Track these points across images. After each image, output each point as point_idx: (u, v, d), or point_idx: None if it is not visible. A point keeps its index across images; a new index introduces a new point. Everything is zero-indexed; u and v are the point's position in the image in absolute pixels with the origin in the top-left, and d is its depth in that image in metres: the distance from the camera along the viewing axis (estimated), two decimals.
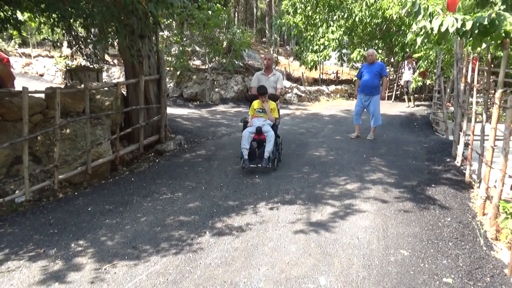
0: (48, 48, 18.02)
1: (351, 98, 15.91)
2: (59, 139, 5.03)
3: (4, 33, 5.98)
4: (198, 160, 6.45)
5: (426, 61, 11.90)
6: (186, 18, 12.66)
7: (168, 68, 12.99)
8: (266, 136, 5.68)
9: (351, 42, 15.55)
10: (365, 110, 7.87)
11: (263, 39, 27.36)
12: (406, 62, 13.77)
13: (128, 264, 3.15)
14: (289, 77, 17.17)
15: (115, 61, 16.24)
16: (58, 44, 7.49)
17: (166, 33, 14.03)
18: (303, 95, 15.08)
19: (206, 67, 14.24)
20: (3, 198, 4.46)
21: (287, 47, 26.60)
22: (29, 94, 4.69)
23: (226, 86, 14.22)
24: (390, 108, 13.03)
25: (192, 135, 8.00)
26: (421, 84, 13.32)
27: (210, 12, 12.23)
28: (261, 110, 6.00)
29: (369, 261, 3.20)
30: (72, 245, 3.49)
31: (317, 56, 15.05)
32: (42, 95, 5.59)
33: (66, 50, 13.58)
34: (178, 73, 13.92)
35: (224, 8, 13.15)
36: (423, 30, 4.01)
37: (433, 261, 3.22)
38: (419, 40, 4.20)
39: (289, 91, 14.82)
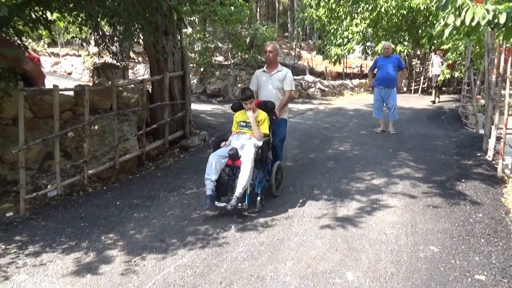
0: (75, 47, 18.50)
1: None
2: (88, 135, 5.16)
3: (34, 33, 6.15)
4: None
5: (455, 52, 11.52)
6: (208, 15, 12.74)
7: (191, 65, 13.11)
8: (241, 162, 3.97)
9: (375, 34, 15.24)
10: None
11: (285, 34, 27.19)
12: (435, 54, 13.34)
13: (157, 257, 3.21)
14: (312, 71, 17.02)
15: (140, 58, 16.52)
16: (86, 42, 7.67)
17: (189, 30, 14.16)
18: (326, 89, 14.92)
19: (229, 63, 14.28)
20: (37, 193, 4.63)
21: (309, 41, 26.34)
22: (59, 92, 4.84)
23: (249, 82, 14.22)
24: (417, 101, 12.73)
25: (216, 130, 8.05)
26: (449, 76, 12.91)
27: (232, 7, 12.24)
28: (244, 124, 4.36)
29: (397, 257, 3.15)
30: (103, 238, 3.59)
31: (341, 50, 14.83)
32: (72, 93, 5.76)
33: (93, 49, 13.91)
34: (201, 69, 14.02)
35: (247, 4, 13.11)
36: (452, 24, 3.88)
37: (464, 258, 3.13)
38: (447, 32, 4.07)
39: (312, 85, 14.69)
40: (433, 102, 12.46)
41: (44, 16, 4.89)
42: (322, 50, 16.43)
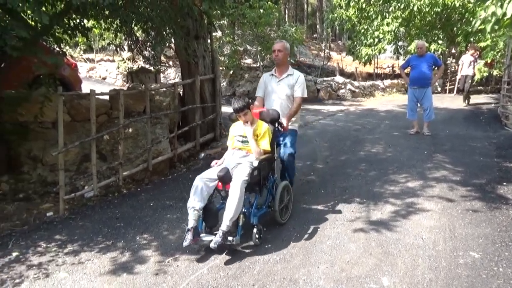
0: (109, 53, 19.13)
1: None
2: (123, 138, 5.30)
3: (71, 41, 6.41)
4: None
5: (493, 50, 11.04)
6: (237, 18, 12.84)
7: (221, 68, 13.26)
8: (230, 186, 3.25)
9: (407, 33, 14.86)
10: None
11: (314, 35, 27.01)
12: (467, 53, 12.71)
13: (190, 258, 3.24)
14: (342, 72, 16.79)
15: (170, 62, 16.87)
16: (120, 48, 7.92)
17: (219, 33, 14.32)
18: (357, 90, 14.67)
19: (258, 65, 14.33)
20: (75, 193, 4.80)
21: (339, 42, 26.04)
22: (96, 96, 5.00)
23: None
24: (452, 101, 12.29)
25: None
26: (487, 75, 12.36)
27: (261, 10, 12.29)
28: (241, 139, 3.63)
29: (435, 263, 3.03)
30: (137, 238, 3.67)
31: (372, 50, 14.55)
32: (107, 97, 5.94)
33: (126, 54, 14.36)
34: (230, 72, 14.15)
35: (275, 6, 13.13)
36: (493, 17, 3.72)
37: (508, 265, 2.97)
38: (488, 27, 3.90)
39: (342, 86, 14.48)
40: (468, 103, 11.51)
41: (81, 23, 5.09)
42: (352, 51, 16.19)
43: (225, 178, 3.30)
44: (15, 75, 5.61)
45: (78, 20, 5.14)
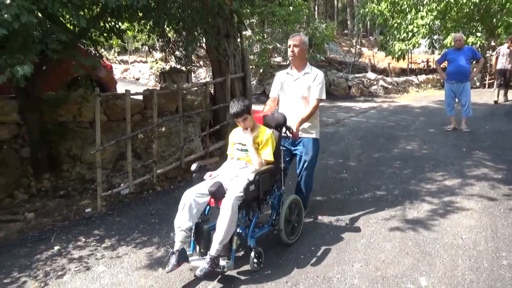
0: (142, 54, 19.65)
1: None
2: (157, 137, 5.42)
3: (107, 43, 6.62)
4: None
5: None
6: (267, 16, 12.83)
7: (251, 66, 13.31)
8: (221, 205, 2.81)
9: (443, 26, 14.33)
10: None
11: (345, 31, 26.57)
12: (505, 45, 12.00)
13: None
14: (373, 68, 16.43)
15: (201, 62, 17.09)
16: (154, 49, 8.12)
17: (248, 32, 14.37)
18: (389, 86, 14.31)
19: (287, 63, 14.27)
20: (112, 190, 4.95)
21: (370, 37, 25.50)
22: (130, 96, 5.14)
23: None
24: (492, 96, 11.71)
25: None
26: None
27: (291, 8, 12.21)
28: (240, 148, 3.21)
29: (476, 263, 2.91)
30: (171, 234, 3.73)
31: (405, 45, 14.15)
32: (141, 97, 6.10)
33: (158, 55, 14.69)
34: (260, 70, 14.16)
35: (305, 3, 13.02)
36: None
37: None
38: None
39: (374, 83, 14.17)
40: (496, 102, 10.36)
41: (116, 26, 5.24)
42: (384, 46, 15.81)
43: (217, 193, 2.83)
44: (55, 77, 5.86)
45: (113, 23, 5.30)
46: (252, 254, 2.90)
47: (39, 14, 3.86)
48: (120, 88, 7.09)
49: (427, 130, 7.53)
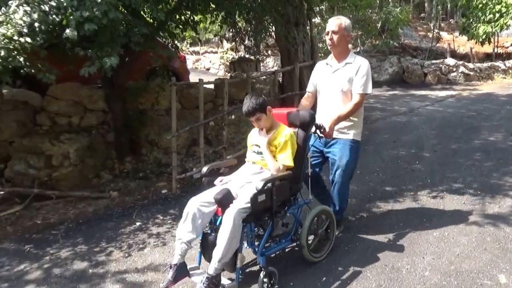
0: (212, 45, 20.27)
1: None
2: (227, 124, 5.63)
3: (181, 35, 6.95)
4: None
5: None
6: (337, 2, 12.48)
7: (319, 54, 13.11)
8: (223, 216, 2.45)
9: None
10: None
11: (422, 15, 24.90)
12: None
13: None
14: (453, 54, 15.26)
15: (269, 52, 17.19)
16: (226, 39, 8.36)
17: (317, 19, 14.13)
18: (471, 73, 13.20)
19: (358, 50, 13.80)
20: (185, 174, 5.27)
21: (451, 20, 23.61)
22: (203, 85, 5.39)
23: (379, 69, 13.53)
24: None
25: None
26: None
27: None
28: (257, 150, 2.80)
29: None
30: None
31: (491, 27, 12.90)
32: (212, 86, 6.36)
33: (228, 45, 15.08)
34: None
35: None
36: None
37: None
38: None
39: (454, 69, 13.16)
40: None
41: (191, 18, 5.49)
42: (466, 29, 14.54)
43: (224, 201, 2.47)
44: (135, 68, 6.33)
45: (188, 15, 5.56)
46: (262, 274, 2.50)
47: (123, 10, 4.19)
48: (192, 78, 7.44)
49: None
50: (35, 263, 3.09)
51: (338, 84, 3.07)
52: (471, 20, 14.00)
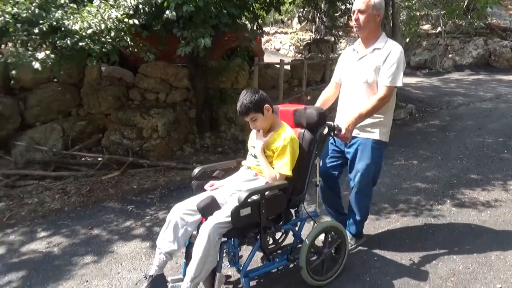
0: (281, 26, 20.21)
1: None
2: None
3: (266, 16, 7.05)
4: (432, 130, 6.14)
5: None
6: None
7: (402, 35, 12.55)
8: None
9: None
10: None
11: None
12: None
13: (370, 217, 3.38)
14: None
15: (341, 32, 16.77)
16: (306, 18, 8.32)
17: None
18: None
19: (437, 31, 12.97)
20: None
21: None
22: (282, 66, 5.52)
23: (462, 51, 12.66)
24: None
25: (424, 104, 7.60)
26: None
27: None
28: (253, 154, 2.37)
29: None
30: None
31: None
32: (288, 67, 6.46)
33: (297, 26, 14.96)
34: (406, 40, 13.22)
35: None
36: None
37: None
38: None
39: None
40: None
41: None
42: None
43: (206, 211, 2.14)
44: (217, 49, 6.61)
45: None
46: None
47: None
48: (264, 59, 7.55)
49: None
50: (138, 221, 3.49)
51: (362, 74, 2.53)
52: None
